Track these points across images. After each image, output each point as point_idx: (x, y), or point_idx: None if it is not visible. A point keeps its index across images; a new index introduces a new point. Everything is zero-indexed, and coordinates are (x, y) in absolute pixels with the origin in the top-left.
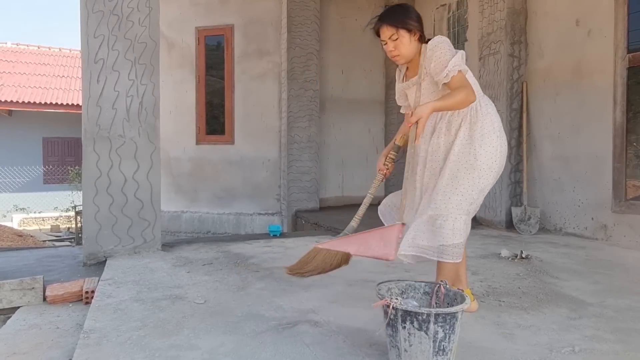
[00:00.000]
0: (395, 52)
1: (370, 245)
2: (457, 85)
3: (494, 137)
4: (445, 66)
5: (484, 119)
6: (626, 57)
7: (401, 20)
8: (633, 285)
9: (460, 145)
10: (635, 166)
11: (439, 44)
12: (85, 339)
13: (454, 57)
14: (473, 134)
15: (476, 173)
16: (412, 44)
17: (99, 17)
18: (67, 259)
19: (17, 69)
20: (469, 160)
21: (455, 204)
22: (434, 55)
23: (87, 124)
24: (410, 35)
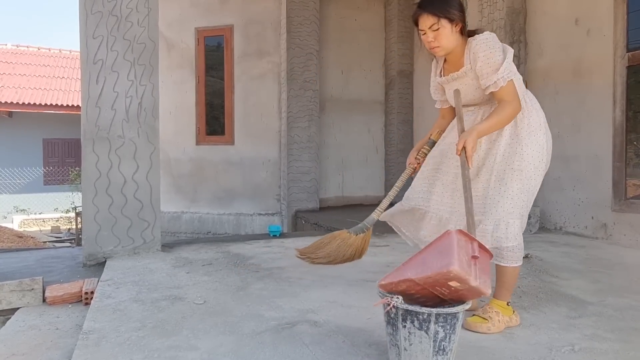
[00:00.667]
0: (435, 43)
1: (427, 263)
2: (506, 98)
3: (540, 135)
4: (495, 71)
5: (530, 116)
6: (625, 56)
7: (443, 9)
8: (633, 284)
9: (506, 145)
10: (635, 165)
11: (487, 41)
12: (84, 340)
13: (505, 61)
14: (519, 133)
15: (524, 175)
16: (454, 35)
17: (98, 17)
18: (67, 260)
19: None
20: (515, 161)
21: (507, 209)
22: (481, 54)
23: (86, 125)
24: (452, 25)
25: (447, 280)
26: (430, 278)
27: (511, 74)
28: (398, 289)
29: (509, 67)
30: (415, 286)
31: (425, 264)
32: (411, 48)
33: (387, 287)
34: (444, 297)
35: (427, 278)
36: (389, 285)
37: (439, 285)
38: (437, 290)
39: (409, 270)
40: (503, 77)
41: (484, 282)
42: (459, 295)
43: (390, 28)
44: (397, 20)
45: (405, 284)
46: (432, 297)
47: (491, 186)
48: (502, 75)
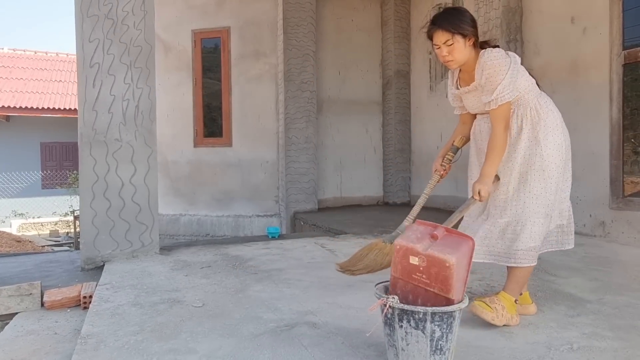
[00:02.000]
0: (449, 57)
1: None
2: (493, 120)
3: (558, 134)
4: (491, 91)
5: (547, 117)
6: (622, 54)
7: (457, 25)
8: (631, 282)
9: (525, 147)
10: (632, 163)
11: (494, 59)
12: (83, 345)
13: (502, 83)
14: (537, 134)
15: (546, 174)
16: (467, 49)
17: (94, 21)
18: (65, 264)
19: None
20: (536, 162)
21: (532, 209)
22: (486, 72)
23: (84, 129)
24: (465, 40)
25: (406, 260)
26: (399, 265)
27: (507, 96)
28: (396, 292)
29: (506, 89)
30: (401, 282)
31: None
32: (408, 48)
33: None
34: (428, 286)
35: (396, 266)
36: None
37: (411, 271)
38: (414, 278)
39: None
40: (495, 100)
41: (441, 251)
42: (435, 275)
43: (387, 28)
44: (393, 20)
45: (396, 282)
46: (423, 293)
47: (514, 187)
48: (496, 96)
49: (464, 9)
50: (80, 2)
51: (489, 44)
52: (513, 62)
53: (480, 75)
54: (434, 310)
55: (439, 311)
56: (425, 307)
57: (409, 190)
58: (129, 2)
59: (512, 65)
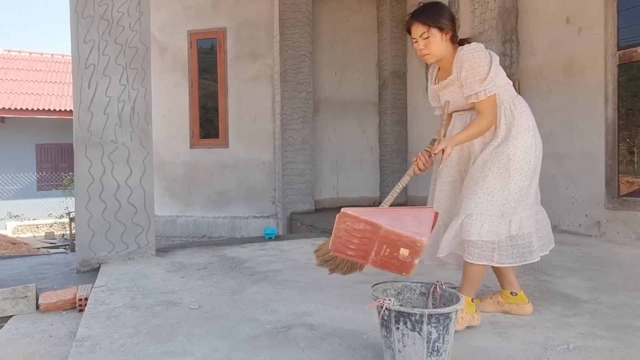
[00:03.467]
0: (425, 50)
1: (404, 222)
2: (484, 111)
3: (529, 136)
4: (478, 82)
5: (520, 118)
6: (616, 55)
7: (433, 18)
8: (627, 282)
9: (494, 145)
10: (627, 163)
11: (473, 51)
12: (78, 347)
13: (490, 74)
14: (509, 134)
15: (508, 173)
16: (443, 43)
17: (89, 22)
18: (61, 266)
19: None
20: (501, 159)
21: (484, 205)
22: (466, 64)
23: (79, 130)
24: (442, 34)
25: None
26: (396, 236)
27: (495, 87)
28: (354, 227)
29: (493, 81)
30: (371, 234)
31: (403, 223)
32: (404, 49)
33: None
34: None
35: (393, 234)
36: (352, 218)
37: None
38: (378, 249)
39: (382, 218)
40: (485, 91)
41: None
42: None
43: (383, 29)
44: (389, 21)
45: (369, 226)
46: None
47: (474, 182)
48: (485, 88)
49: (442, 4)
50: (75, 3)
51: (468, 42)
52: (494, 58)
53: (458, 69)
54: (430, 312)
55: (435, 313)
56: (421, 309)
57: (405, 190)
58: (124, 3)
59: (493, 60)
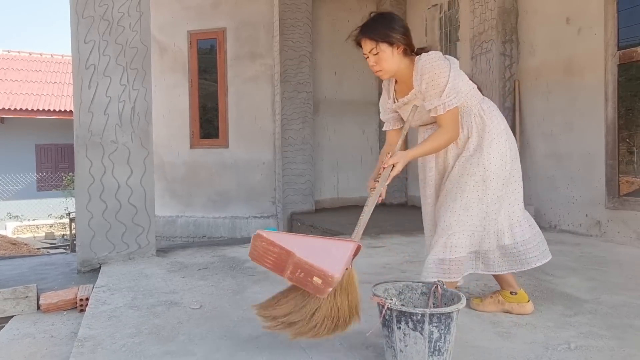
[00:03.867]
0: (377, 67)
1: (319, 254)
2: (444, 124)
3: (502, 142)
4: (437, 95)
5: (491, 123)
6: (616, 54)
7: (382, 33)
8: (628, 281)
9: (467, 155)
10: (627, 162)
11: (431, 61)
12: (80, 347)
13: (447, 86)
14: (482, 142)
15: (485, 184)
16: (395, 57)
17: (89, 22)
18: (61, 266)
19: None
20: (477, 172)
21: (464, 220)
22: (426, 76)
23: (79, 130)
24: (392, 48)
25: (318, 277)
26: (309, 266)
27: (456, 99)
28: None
29: (453, 92)
30: (286, 257)
31: (316, 253)
32: None
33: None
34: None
35: (306, 264)
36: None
37: (304, 271)
38: (293, 270)
39: (297, 247)
40: (444, 104)
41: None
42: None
43: None
44: None
45: (283, 252)
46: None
47: (450, 196)
48: (443, 101)
49: (392, 15)
50: (75, 3)
51: (425, 50)
52: (452, 64)
53: (419, 81)
54: (432, 311)
55: (437, 312)
56: (423, 309)
57: (405, 190)
58: (124, 4)
59: (452, 67)
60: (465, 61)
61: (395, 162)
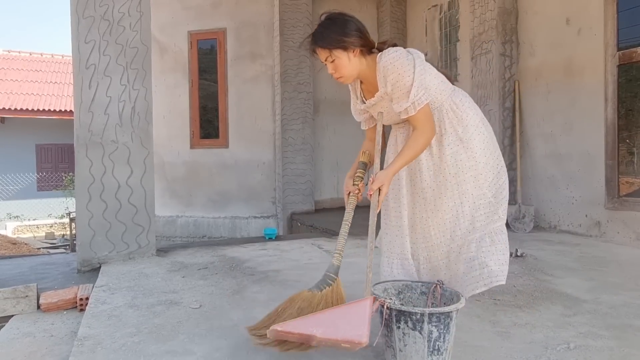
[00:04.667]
0: (337, 74)
1: (338, 326)
2: (417, 125)
3: (482, 129)
4: (404, 95)
5: (466, 115)
6: (616, 55)
7: (332, 40)
8: (627, 282)
9: (452, 152)
10: (627, 163)
11: (394, 61)
12: (80, 347)
13: (414, 84)
14: (461, 135)
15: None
16: (353, 61)
17: (90, 22)
18: (61, 266)
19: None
20: (469, 165)
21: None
22: (390, 77)
23: (79, 130)
24: (347, 53)
25: (346, 344)
26: (334, 341)
27: (425, 95)
28: (290, 336)
29: (422, 89)
30: (307, 339)
31: (336, 326)
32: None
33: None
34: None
35: (330, 341)
36: (284, 333)
37: (331, 344)
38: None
39: (315, 328)
40: (414, 104)
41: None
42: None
43: (383, 29)
44: (389, 21)
45: (303, 337)
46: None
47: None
48: (412, 101)
49: (342, 18)
50: (76, 3)
51: (386, 45)
52: (417, 59)
53: (384, 83)
54: (431, 311)
55: (436, 312)
56: (422, 309)
57: None
58: (124, 4)
59: (417, 63)
60: (465, 62)
61: (380, 185)
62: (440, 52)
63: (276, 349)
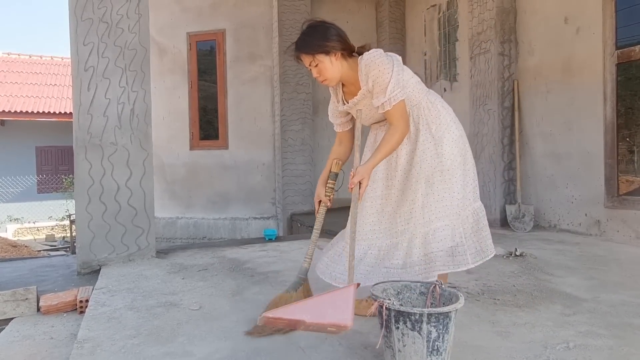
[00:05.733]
0: (321, 77)
1: (324, 311)
2: (393, 121)
3: (453, 129)
4: (382, 92)
5: (440, 115)
6: (615, 54)
7: (315, 45)
8: (627, 280)
9: (424, 149)
10: (627, 162)
11: (374, 60)
12: (79, 349)
13: (391, 82)
14: (435, 134)
15: (449, 174)
16: (335, 64)
17: (88, 24)
18: (61, 268)
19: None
20: (437, 163)
21: (440, 213)
22: (371, 74)
23: (78, 132)
24: (329, 57)
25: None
26: (321, 325)
27: (401, 93)
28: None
29: (398, 86)
30: (295, 324)
31: (323, 312)
32: (403, 49)
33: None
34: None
35: (317, 325)
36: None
37: (318, 328)
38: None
39: (304, 313)
40: (389, 100)
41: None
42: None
43: (382, 30)
44: (388, 22)
45: (292, 321)
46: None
47: (421, 195)
48: (389, 97)
49: (322, 25)
50: (74, 5)
51: (366, 49)
52: (395, 60)
53: (365, 80)
54: (430, 311)
55: (435, 312)
56: (421, 309)
57: None
58: (123, 6)
59: (395, 63)
60: (465, 61)
61: (360, 179)
62: (439, 52)
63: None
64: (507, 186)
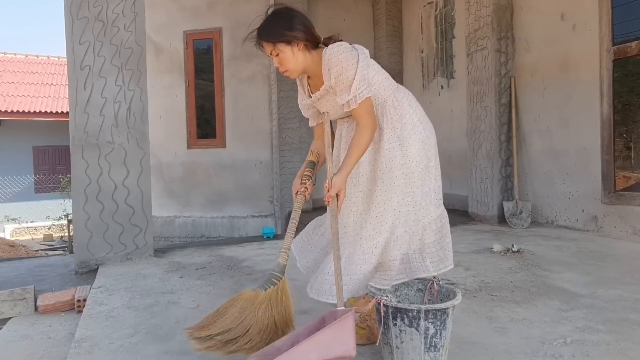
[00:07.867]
0: (282, 67)
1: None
2: (361, 119)
3: (420, 129)
4: (347, 89)
5: (406, 113)
6: (611, 50)
7: (277, 33)
8: (624, 276)
9: (389, 149)
10: (624, 158)
11: (337, 54)
12: (77, 348)
13: (355, 78)
14: (400, 134)
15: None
16: (297, 55)
17: (84, 23)
18: (59, 268)
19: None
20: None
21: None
22: (333, 70)
23: (75, 131)
24: (291, 47)
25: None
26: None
27: (367, 89)
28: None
29: (364, 83)
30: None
31: (329, 346)
32: (400, 47)
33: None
34: None
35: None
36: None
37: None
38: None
39: (311, 352)
40: (355, 98)
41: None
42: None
43: (379, 27)
44: (385, 19)
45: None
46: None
47: (381, 196)
48: (354, 94)
49: (287, 12)
50: (69, 4)
51: (333, 40)
52: (361, 54)
53: (328, 76)
54: (427, 307)
55: (432, 308)
56: (418, 305)
57: None
58: (119, 4)
59: (360, 58)
60: (461, 58)
61: (337, 191)
62: (436, 49)
63: (219, 352)
64: (505, 183)
